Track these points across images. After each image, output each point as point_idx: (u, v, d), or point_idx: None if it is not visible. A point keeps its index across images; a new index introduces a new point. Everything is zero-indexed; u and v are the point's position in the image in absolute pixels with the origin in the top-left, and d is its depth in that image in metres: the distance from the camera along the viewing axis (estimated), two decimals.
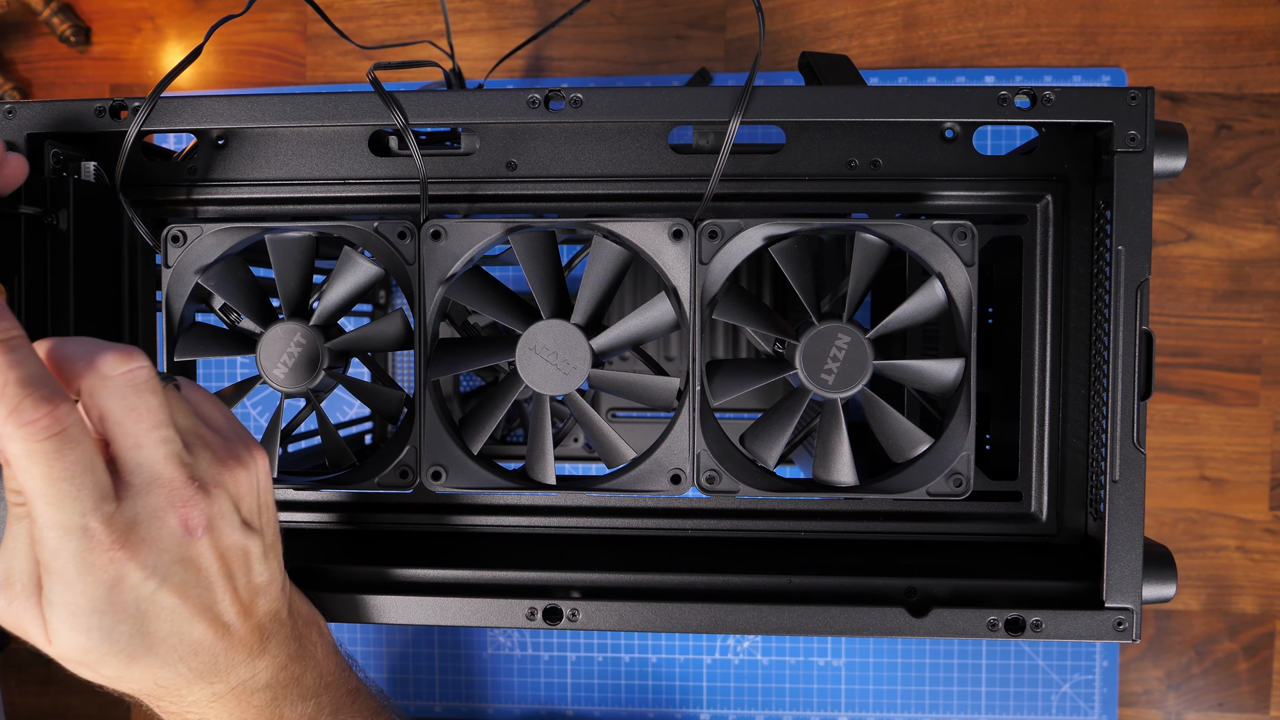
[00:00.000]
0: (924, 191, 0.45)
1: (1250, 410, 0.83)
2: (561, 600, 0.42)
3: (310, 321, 0.47)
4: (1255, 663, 0.83)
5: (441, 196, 0.46)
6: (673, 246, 0.44)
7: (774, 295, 0.71)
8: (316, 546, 0.47)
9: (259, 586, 0.38)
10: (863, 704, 0.84)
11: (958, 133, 0.44)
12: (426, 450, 0.46)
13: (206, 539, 0.35)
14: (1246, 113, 0.81)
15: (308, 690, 0.40)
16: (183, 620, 0.35)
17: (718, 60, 0.85)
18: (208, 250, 0.46)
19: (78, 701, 0.92)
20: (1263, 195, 0.82)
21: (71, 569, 0.32)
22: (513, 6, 0.87)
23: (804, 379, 0.44)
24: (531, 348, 0.44)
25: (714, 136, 0.45)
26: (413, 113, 0.42)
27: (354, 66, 0.88)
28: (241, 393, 0.50)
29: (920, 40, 0.84)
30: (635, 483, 0.45)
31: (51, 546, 0.32)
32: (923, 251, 0.44)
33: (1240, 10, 0.81)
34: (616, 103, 0.42)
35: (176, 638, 0.35)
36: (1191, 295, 0.83)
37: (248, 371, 0.88)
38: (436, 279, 0.45)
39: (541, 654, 0.87)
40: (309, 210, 0.47)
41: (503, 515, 0.48)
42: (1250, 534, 0.83)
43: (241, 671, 0.38)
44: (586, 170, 0.45)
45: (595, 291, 0.45)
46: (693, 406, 0.45)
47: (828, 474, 0.45)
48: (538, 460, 0.46)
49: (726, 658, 0.86)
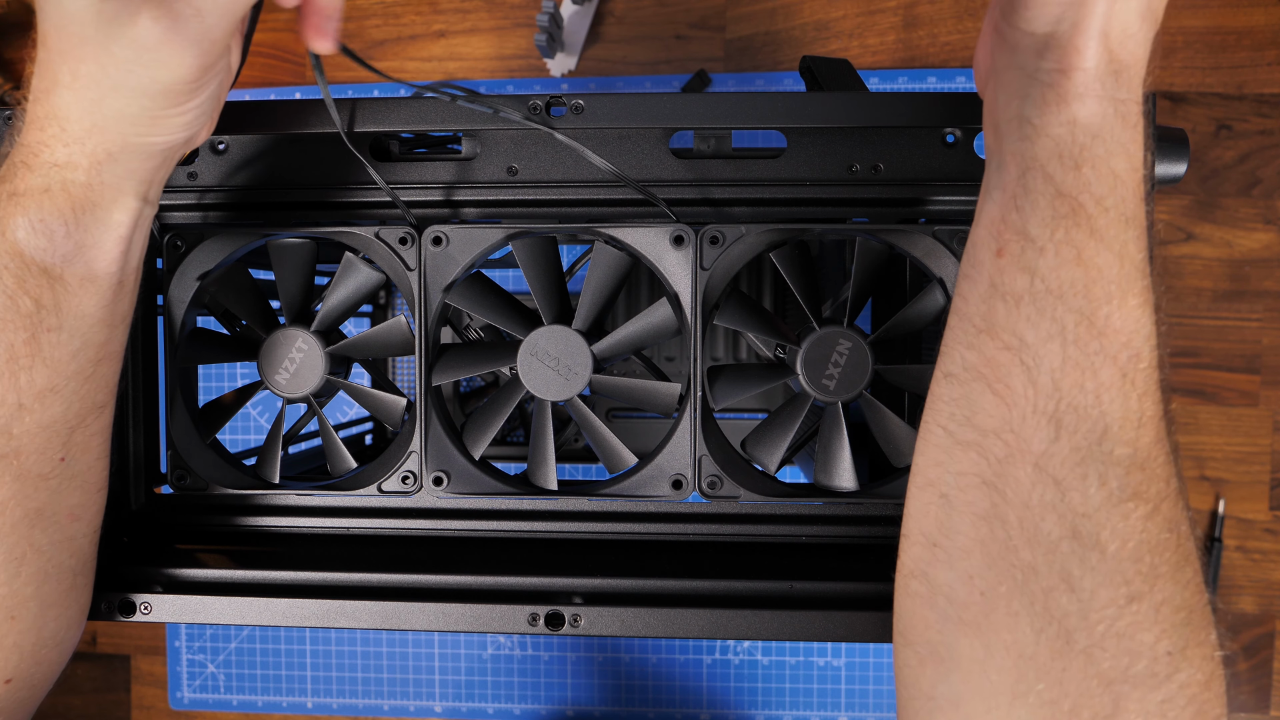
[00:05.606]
0: (925, 196, 0.45)
1: (1250, 410, 0.83)
2: (564, 606, 0.42)
3: (312, 327, 0.47)
4: (1255, 663, 0.83)
5: (442, 202, 0.46)
6: (674, 252, 0.44)
7: (774, 300, 0.71)
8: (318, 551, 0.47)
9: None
10: (863, 704, 0.84)
11: (959, 138, 0.44)
12: (428, 456, 0.46)
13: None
14: (1246, 113, 0.81)
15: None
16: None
17: (718, 60, 0.85)
18: (209, 256, 0.46)
19: (78, 702, 0.93)
20: (1263, 195, 0.82)
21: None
22: (513, 6, 0.87)
23: (805, 384, 0.44)
24: (533, 353, 0.44)
25: (715, 141, 0.45)
26: (416, 119, 0.42)
27: (354, 66, 0.88)
28: (244, 398, 0.50)
29: (920, 40, 0.84)
30: (637, 488, 0.45)
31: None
32: (923, 256, 0.44)
33: (1240, 10, 0.81)
34: (618, 109, 0.42)
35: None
36: (1191, 295, 0.83)
37: (249, 376, 0.88)
38: (438, 285, 0.45)
39: (541, 654, 0.87)
40: (311, 215, 0.47)
41: (505, 520, 0.48)
42: (1250, 534, 0.83)
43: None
44: (587, 175, 0.45)
45: (597, 297, 0.45)
46: (694, 412, 0.45)
47: (829, 479, 0.45)
48: (539, 465, 0.46)
49: (726, 658, 0.86)
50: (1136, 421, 0.31)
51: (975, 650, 0.33)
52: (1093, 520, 0.31)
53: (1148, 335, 0.32)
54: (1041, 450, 0.32)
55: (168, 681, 0.91)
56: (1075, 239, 0.31)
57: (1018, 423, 0.32)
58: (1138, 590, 0.31)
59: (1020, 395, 0.32)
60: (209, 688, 0.90)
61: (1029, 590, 0.32)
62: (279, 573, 0.45)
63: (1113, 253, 0.31)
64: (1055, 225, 0.31)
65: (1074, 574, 0.31)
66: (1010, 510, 0.32)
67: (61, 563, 0.39)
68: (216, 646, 0.90)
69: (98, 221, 0.36)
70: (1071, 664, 0.31)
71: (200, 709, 0.90)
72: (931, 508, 0.35)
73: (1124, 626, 0.31)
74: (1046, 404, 0.32)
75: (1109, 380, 0.31)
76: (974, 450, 0.33)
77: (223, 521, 0.49)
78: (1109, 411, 0.31)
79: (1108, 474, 0.31)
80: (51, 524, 0.38)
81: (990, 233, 0.33)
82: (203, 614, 0.43)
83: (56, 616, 0.40)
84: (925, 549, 0.35)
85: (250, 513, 0.49)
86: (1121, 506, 0.31)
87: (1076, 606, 0.31)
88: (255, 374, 0.47)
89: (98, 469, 0.40)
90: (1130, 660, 0.31)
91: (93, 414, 0.39)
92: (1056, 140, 0.31)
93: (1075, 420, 0.31)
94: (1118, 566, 0.31)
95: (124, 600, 0.44)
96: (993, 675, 0.33)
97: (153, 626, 0.92)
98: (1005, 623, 0.32)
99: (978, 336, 0.33)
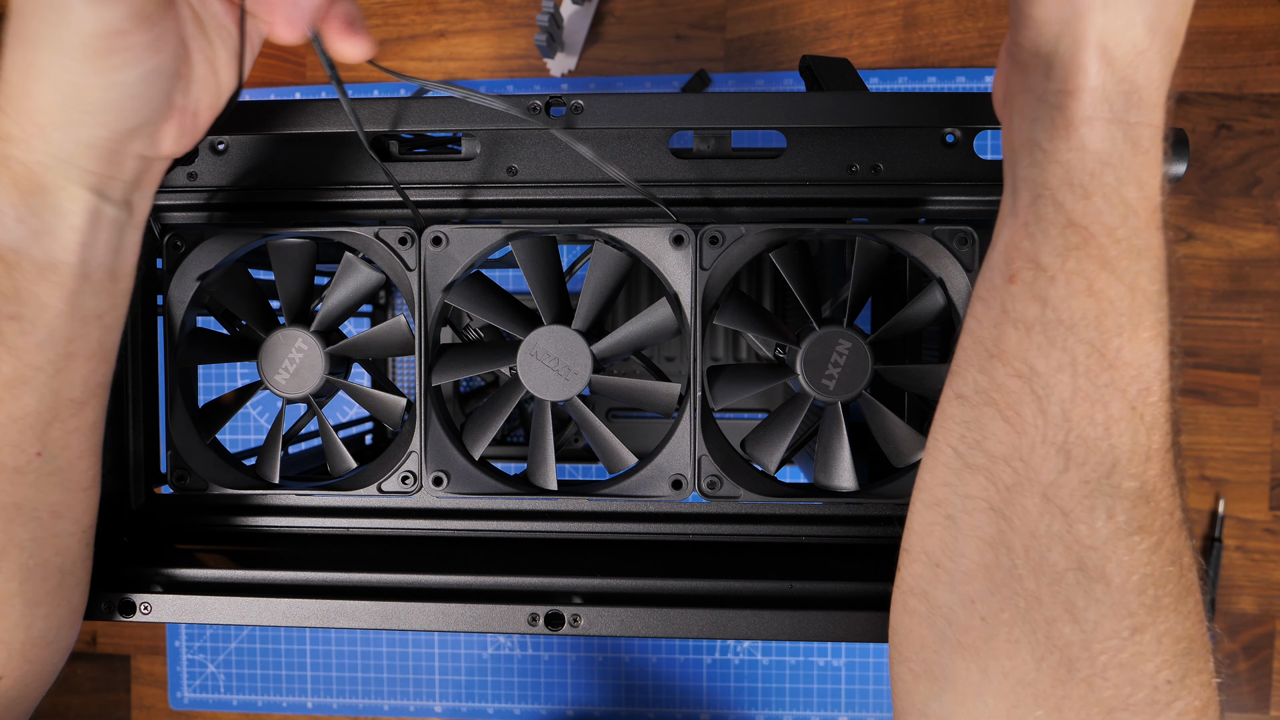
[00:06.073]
0: (925, 196, 0.45)
1: (1250, 410, 0.83)
2: (564, 606, 0.42)
3: (311, 327, 0.47)
4: (1255, 662, 0.83)
5: (442, 202, 0.46)
6: (674, 252, 0.44)
7: (774, 300, 0.71)
8: (318, 551, 0.47)
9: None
10: (863, 704, 0.84)
11: (958, 137, 0.44)
12: (428, 456, 0.46)
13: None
14: (1246, 113, 0.81)
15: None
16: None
17: (717, 61, 0.85)
18: (209, 256, 0.46)
19: (78, 702, 0.93)
20: (1263, 195, 0.82)
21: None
22: (513, 6, 0.87)
23: (805, 384, 0.44)
24: (533, 353, 0.44)
25: (715, 141, 0.45)
26: (415, 119, 0.42)
27: (355, 66, 0.88)
28: (244, 398, 0.50)
29: (920, 40, 0.84)
30: (637, 488, 0.45)
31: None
32: (923, 256, 0.44)
33: (1240, 10, 0.81)
34: (617, 109, 0.42)
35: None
36: (1191, 295, 0.83)
37: (249, 376, 0.88)
38: (438, 285, 0.45)
39: (541, 654, 0.87)
40: (310, 216, 0.47)
41: (504, 520, 0.48)
42: (1250, 534, 0.83)
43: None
44: (587, 175, 0.45)
45: (596, 297, 0.45)
46: (694, 412, 0.45)
47: (829, 479, 0.45)
48: (539, 465, 0.46)
49: (726, 658, 0.86)
50: (1144, 455, 0.31)
51: (972, 674, 0.33)
52: (1099, 553, 0.31)
53: (1159, 369, 0.31)
54: (1050, 480, 0.32)
55: (168, 681, 0.91)
56: (1086, 270, 0.31)
57: (1027, 451, 0.32)
58: (1141, 622, 0.31)
59: (1030, 424, 0.32)
60: (209, 688, 0.90)
61: (1031, 619, 0.32)
62: (279, 573, 0.45)
63: (1124, 285, 0.31)
64: (1066, 255, 0.31)
65: (1078, 605, 0.31)
66: (1016, 538, 0.32)
67: (46, 560, 0.39)
68: (216, 646, 0.90)
69: (47, 207, 0.35)
70: (1072, 692, 0.31)
71: (200, 709, 0.90)
72: (936, 528, 0.35)
73: (1127, 657, 0.31)
74: (1056, 434, 0.31)
75: (1119, 413, 0.31)
76: (983, 475, 0.33)
77: (223, 521, 0.49)
78: (1118, 445, 0.31)
79: (1115, 507, 0.31)
80: (32, 520, 0.38)
81: (1004, 258, 0.33)
82: (203, 614, 0.43)
83: (45, 615, 0.40)
84: (927, 568, 0.35)
85: (250, 513, 0.49)
86: (1128, 540, 0.31)
87: (1079, 637, 0.31)
88: (255, 374, 0.47)
89: (81, 468, 0.40)
90: (1132, 689, 0.31)
91: (68, 410, 0.38)
92: (1066, 166, 0.30)
93: (1084, 452, 0.31)
94: (1122, 599, 0.31)
95: (124, 600, 0.44)
96: (989, 699, 0.33)
97: (153, 626, 0.92)
98: (1005, 649, 0.32)
99: (989, 361, 0.33)
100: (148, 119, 0.35)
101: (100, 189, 0.36)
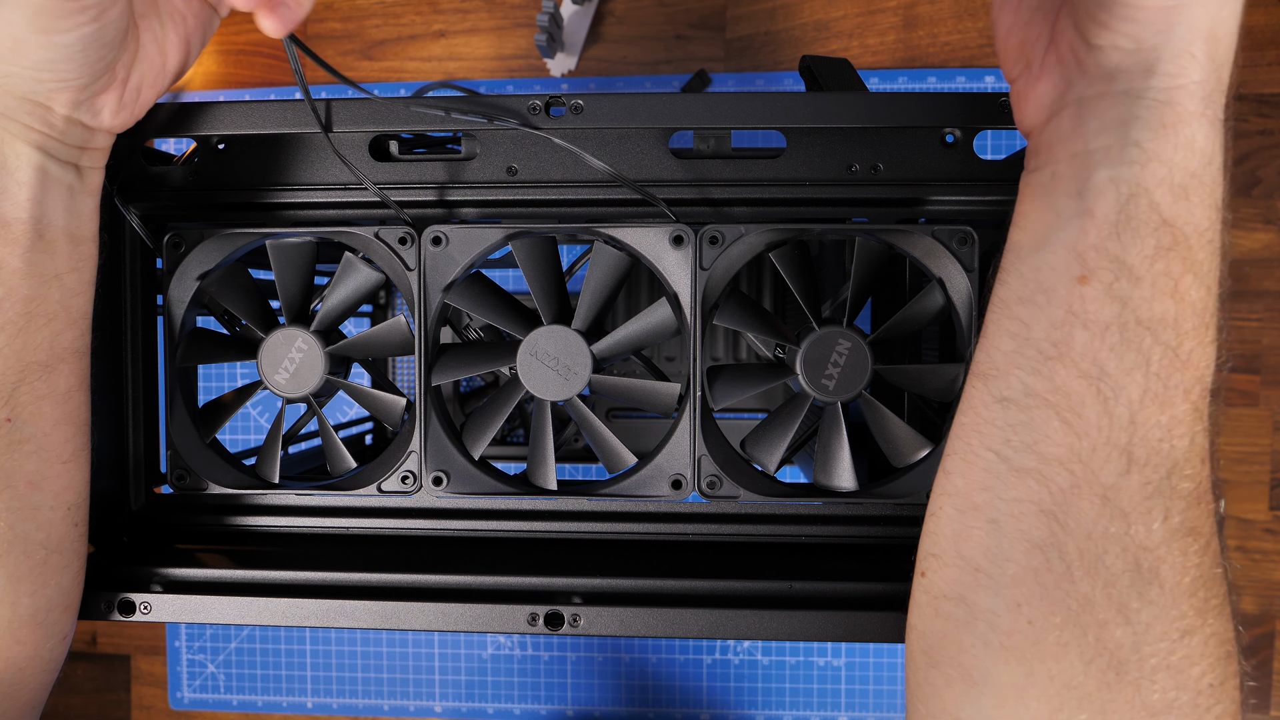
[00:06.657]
0: (924, 196, 0.45)
1: (1250, 410, 0.83)
2: (563, 606, 0.42)
3: (311, 327, 0.47)
4: (1255, 663, 0.83)
5: (442, 202, 0.46)
6: (673, 252, 0.44)
7: (774, 300, 0.71)
8: (318, 551, 0.47)
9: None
10: (863, 704, 0.84)
11: (958, 137, 0.44)
12: (428, 456, 0.46)
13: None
14: (1246, 113, 0.81)
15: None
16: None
17: (717, 61, 0.85)
18: (209, 255, 0.46)
19: (78, 702, 0.93)
20: (1263, 195, 0.82)
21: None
22: (513, 6, 0.87)
23: (804, 384, 0.44)
24: (533, 353, 0.44)
25: (715, 141, 0.45)
26: (415, 119, 0.42)
27: (354, 67, 0.88)
28: (243, 398, 0.50)
29: (920, 40, 0.84)
30: (636, 488, 0.45)
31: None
32: (923, 256, 0.44)
33: None
34: (617, 109, 0.42)
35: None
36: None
37: (249, 376, 0.88)
38: (437, 285, 0.45)
39: (541, 654, 0.87)
40: (310, 215, 0.47)
41: (504, 520, 0.48)
42: (1250, 534, 0.83)
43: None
44: (587, 175, 0.45)
45: (596, 297, 0.45)
46: (694, 412, 0.45)
47: (828, 479, 0.45)
48: (539, 465, 0.46)
49: (726, 658, 0.86)
50: (1200, 456, 0.31)
51: (1015, 677, 0.33)
52: (1154, 554, 0.31)
53: (1215, 369, 0.31)
54: (1111, 483, 0.31)
55: (168, 681, 0.91)
56: (1174, 271, 0.30)
57: (1087, 453, 0.31)
58: (1191, 625, 0.31)
59: (1093, 425, 0.31)
60: (209, 688, 0.90)
61: (1083, 621, 0.31)
62: (279, 572, 0.45)
63: (1205, 286, 0.31)
64: (1156, 257, 0.30)
65: (1131, 607, 0.31)
66: (1071, 540, 0.32)
67: (27, 534, 0.39)
68: (216, 646, 0.90)
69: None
70: (1119, 695, 0.31)
71: (200, 709, 0.90)
72: (977, 532, 0.34)
73: (1176, 660, 0.31)
74: (1120, 436, 0.31)
75: (1182, 415, 0.31)
76: (1033, 478, 0.32)
77: (222, 521, 0.49)
78: (1178, 446, 0.31)
79: (1172, 508, 0.31)
80: (6, 489, 0.38)
81: (1073, 258, 0.31)
82: (202, 614, 0.43)
83: (31, 593, 0.40)
84: (965, 572, 0.34)
85: (250, 513, 0.49)
86: (1182, 541, 0.31)
87: (1131, 639, 0.31)
88: (255, 374, 0.47)
89: (56, 438, 0.39)
90: (1178, 693, 0.31)
91: (35, 373, 0.38)
92: (1170, 165, 0.30)
93: (1147, 454, 0.31)
94: (1175, 601, 0.31)
95: (124, 600, 0.44)
96: (1031, 703, 0.32)
97: (152, 626, 0.92)
98: (1053, 652, 0.32)
99: (1046, 363, 0.32)
100: (84, 84, 0.36)
101: (44, 147, 0.36)
